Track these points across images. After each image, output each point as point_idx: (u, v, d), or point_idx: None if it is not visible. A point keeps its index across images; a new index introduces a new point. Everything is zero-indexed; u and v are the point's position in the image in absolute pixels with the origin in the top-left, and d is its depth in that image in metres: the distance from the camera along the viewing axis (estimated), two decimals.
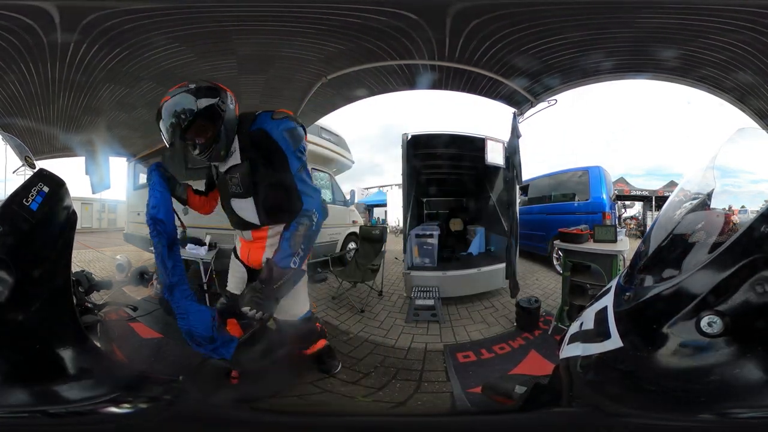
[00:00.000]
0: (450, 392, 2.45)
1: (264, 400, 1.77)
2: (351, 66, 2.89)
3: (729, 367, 0.83)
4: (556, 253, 4.26)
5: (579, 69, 2.91)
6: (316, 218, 1.79)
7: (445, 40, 2.50)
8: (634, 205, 5.90)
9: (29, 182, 1.33)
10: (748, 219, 0.96)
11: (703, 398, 0.84)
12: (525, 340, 3.15)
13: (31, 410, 1.13)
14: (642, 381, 0.92)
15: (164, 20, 2.17)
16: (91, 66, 2.59)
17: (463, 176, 5.80)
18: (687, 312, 0.89)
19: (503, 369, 2.74)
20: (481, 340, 3.15)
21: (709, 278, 0.88)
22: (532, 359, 2.86)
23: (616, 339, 1.00)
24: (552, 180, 5.08)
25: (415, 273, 3.91)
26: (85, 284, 1.86)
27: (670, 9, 2.12)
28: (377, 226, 5.17)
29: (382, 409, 2.09)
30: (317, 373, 2.43)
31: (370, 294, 3.89)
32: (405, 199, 4.42)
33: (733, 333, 0.84)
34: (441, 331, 3.26)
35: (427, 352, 2.96)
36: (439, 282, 3.72)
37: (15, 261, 1.20)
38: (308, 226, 1.76)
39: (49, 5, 1.95)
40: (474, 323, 3.42)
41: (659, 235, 1.18)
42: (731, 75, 2.72)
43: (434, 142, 4.46)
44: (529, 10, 2.18)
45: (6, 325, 1.19)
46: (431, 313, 3.41)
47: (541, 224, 4.90)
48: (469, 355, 2.90)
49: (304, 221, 1.76)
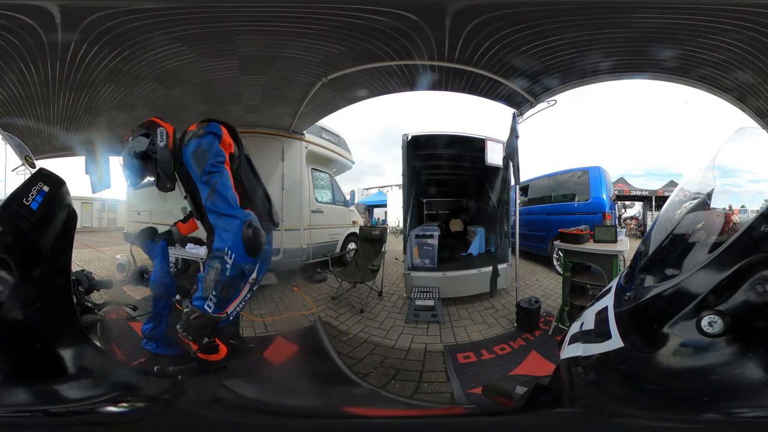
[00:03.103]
0: (450, 393, 2.45)
1: (263, 401, 1.77)
2: (351, 67, 2.89)
3: (730, 366, 0.83)
4: (556, 254, 4.26)
5: (578, 69, 2.92)
6: (230, 260, 1.56)
7: (445, 40, 2.50)
8: (634, 205, 5.91)
9: (29, 182, 1.32)
10: (748, 218, 0.96)
11: (705, 398, 0.84)
12: (525, 340, 3.15)
13: (32, 409, 1.13)
14: (643, 381, 0.92)
15: (166, 20, 2.18)
16: (92, 66, 2.59)
17: (463, 177, 5.80)
18: (687, 312, 0.89)
19: (503, 370, 2.73)
20: (481, 340, 3.15)
21: (710, 278, 0.88)
22: (533, 360, 2.86)
23: (617, 339, 1.00)
24: (552, 180, 5.09)
25: (415, 273, 3.91)
26: (85, 284, 1.86)
27: (669, 9, 2.12)
28: (377, 226, 5.17)
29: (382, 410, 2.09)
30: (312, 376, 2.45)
31: (370, 294, 3.89)
32: (405, 199, 4.42)
33: (733, 332, 0.84)
34: (441, 332, 3.25)
35: (427, 353, 2.95)
36: (439, 282, 3.72)
37: (15, 260, 1.20)
38: (217, 270, 1.56)
39: (51, 5, 1.95)
40: (474, 324, 3.41)
41: (659, 235, 1.18)
42: (730, 74, 2.72)
43: (434, 143, 4.46)
44: (527, 11, 2.19)
45: (6, 324, 1.18)
46: (431, 314, 3.41)
47: (541, 225, 4.91)
48: (470, 356, 2.89)
49: (214, 264, 1.57)
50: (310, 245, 4.37)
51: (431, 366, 2.78)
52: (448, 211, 6.26)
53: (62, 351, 1.27)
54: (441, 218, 6.11)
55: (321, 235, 4.61)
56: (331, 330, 3.24)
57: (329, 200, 4.91)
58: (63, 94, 2.97)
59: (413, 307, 3.46)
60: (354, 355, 2.90)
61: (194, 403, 1.35)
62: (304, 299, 3.81)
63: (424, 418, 1.55)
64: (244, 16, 2.24)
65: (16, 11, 2.00)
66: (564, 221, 4.27)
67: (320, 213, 4.65)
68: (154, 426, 1.16)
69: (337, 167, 5.24)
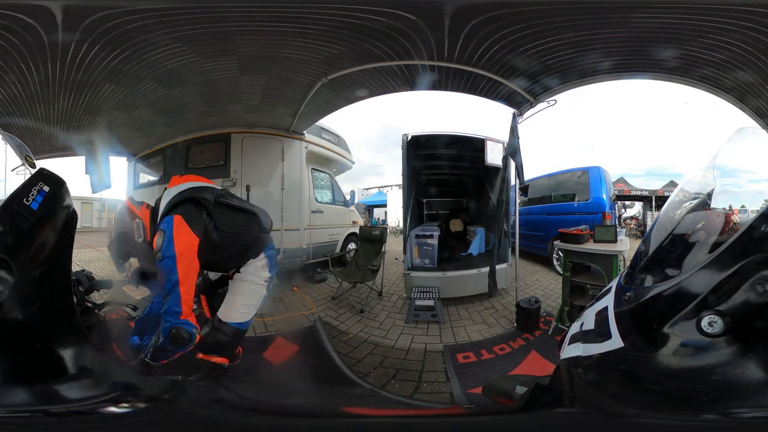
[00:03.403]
0: (450, 393, 2.45)
1: (263, 401, 1.77)
2: (351, 67, 2.89)
3: (730, 366, 0.83)
4: (556, 254, 4.26)
5: (578, 69, 2.92)
6: (161, 342, 1.72)
7: (444, 40, 2.50)
8: (634, 205, 5.91)
9: (29, 182, 1.32)
10: (748, 218, 0.96)
11: (705, 398, 0.84)
12: (525, 340, 3.15)
13: (32, 409, 1.13)
14: (643, 381, 0.92)
15: (167, 21, 2.18)
16: (92, 66, 2.59)
17: (463, 177, 5.80)
18: (687, 312, 0.89)
19: (503, 370, 2.74)
20: (481, 340, 3.15)
21: (710, 278, 0.88)
22: (533, 360, 2.86)
23: (617, 339, 1.00)
24: (552, 180, 5.08)
25: (415, 273, 3.91)
26: (86, 283, 1.86)
27: (669, 9, 2.12)
28: (377, 226, 5.17)
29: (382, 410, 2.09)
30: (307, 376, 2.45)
31: (370, 294, 3.89)
32: (405, 199, 4.42)
33: (733, 332, 0.84)
34: (441, 332, 3.26)
35: (426, 353, 2.95)
36: (439, 282, 3.72)
37: (15, 261, 1.20)
38: (154, 342, 1.77)
39: (53, 5, 1.95)
40: (474, 324, 3.42)
41: (659, 235, 1.18)
42: (731, 74, 2.72)
43: (434, 143, 4.46)
44: (527, 11, 2.19)
45: (6, 324, 1.18)
46: (431, 314, 3.41)
47: (541, 225, 4.91)
48: (469, 356, 2.89)
49: (157, 337, 1.75)
50: (310, 245, 4.37)
51: (431, 366, 2.78)
52: (448, 211, 6.25)
53: (62, 351, 1.27)
54: (441, 218, 6.11)
55: (321, 235, 4.62)
56: (331, 330, 3.24)
57: (329, 200, 4.91)
58: (63, 94, 2.97)
59: (413, 307, 3.46)
60: (354, 355, 2.90)
61: (194, 403, 1.35)
62: (304, 299, 3.81)
63: (423, 418, 1.55)
64: (244, 16, 2.24)
65: (17, 11, 2.00)
66: (564, 221, 4.27)
67: (320, 213, 4.65)
68: (154, 426, 1.16)
69: (337, 167, 5.24)
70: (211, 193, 1.93)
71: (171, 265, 1.68)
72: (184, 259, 1.71)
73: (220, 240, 1.85)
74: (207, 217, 1.84)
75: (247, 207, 2.04)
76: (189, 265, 1.73)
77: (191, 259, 1.74)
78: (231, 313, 1.96)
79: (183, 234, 1.74)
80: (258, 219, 2.02)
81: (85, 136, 3.63)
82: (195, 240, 1.76)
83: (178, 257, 1.69)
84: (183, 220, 1.76)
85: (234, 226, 1.92)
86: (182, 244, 1.72)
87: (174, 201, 1.84)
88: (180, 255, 1.69)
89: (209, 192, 1.93)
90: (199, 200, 1.85)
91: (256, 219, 2.02)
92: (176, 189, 1.90)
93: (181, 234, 1.73)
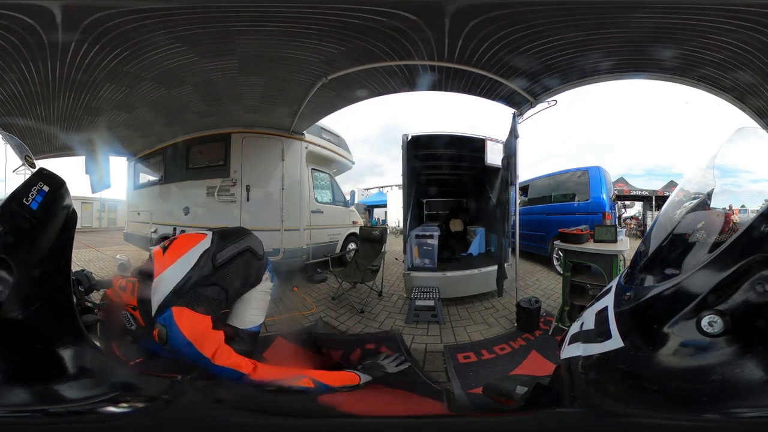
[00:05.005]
0: (451, 392, 2.45)
1: (263, 401, 1.77)
2: (351, 67, 2.89)
3: (730, 366, 0.83)
4: (557, 254, 4.26)
5: (578, 69, 2.92)
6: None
7: (444, 40, 2.50)
8: (634, 205, 5.91)
9: (29, 181, 1.31)
10: (748, 218, 0.96)
11: (705, 398, 0.84)
12: (525, 340, 3.15)
13: (31, 409, 1.13)
14: (643, 381, 0.92)
15: (167, 21, 2.18)
16: (92, 66, 2.59)
17: (463, 177, 5.80)
18: (687, 312, 0.89)
19: (504, 370, 2.73)
20: (481, 340, 3.15)
21: (710, 278, 0.88)
22: (533, 360, 2.86)
23: (617, 339, 1.00)
24: (552, 180, 5.08)
25: (415, 274, 3.90)
26: (85, 283, 1.85)
27: (669, 9, 2.12)
28: (377, 226, 5.17)
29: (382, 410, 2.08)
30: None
31: (370, 294, 3.89)
32: (405, 199, 4.42)
33: (733, 332, 0.84)
34: (441, 332, 3.25)
35: (427, 353, 2.95)
36: (439, 283, 3.72)
37: (15, 261, 1.20)
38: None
39: (53, 5, 1.95)
40: (474, 324, 3.41)
41: (659, 235, 1.18)
42: (730, 74, 2.72)
43: (434, 143, 4.46)
44: (527, 11, 2.19)
45: (6, 324, 1.18)
46: (431, 314, 3.41)
47: (541, 224, 4.90)
48: (470, 356, 2.89)
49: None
50: (310, 245, 4.37)
51: (431, 366, 2.78)
52: (448, 211, 6.25)
53: (62, 351, 1.27)
54: (441, 218, 6.10)
55: (321, 235, 4.62)
56: (331, 330, 3.24)
57: (329, 200, 4.91)
58: (63, 94, 2.97)
59: (413, 307, 3.46)
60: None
61: (194, 403, 1.34)
62: (304, 299, 3.81)
63: (423, 418, 1.55)
64: (244, 17, 2.24)
65: (17, 11, 2.00)
66: (564, 221, 4.27)
67: (320, 213, 4.65)
68: (154, 426, 1.16)
69: (337, 167, 5.24)
70: (207, 257, 1.73)
71: (191, 351, 1.53)
72: (202, 339, 1.55)
73: (227, 299, 1.80)
74: (212, 289, 1.71)
75: (241, 246, 1.89)
76: (212, 340, 1.58)
77: (210, 334, 1.59)
78: (245, 319, 1.96)
79: (189, 321, 1.59)
80: (252, 252, 1.93)
81: (85, 136, 3.64)
82: (206, 319, 1.61)
83: (194, 342, 1.54)
84: (184, 310, 1.60)
85: (237, 276, 1.84)
86: (193, 329, 1.57)
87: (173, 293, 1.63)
88: (195, 340, 1.54)
89: (206, 259, 1.72)
90: (201, 285, 1.69)
91: (250, 253, 1.92)
92: (173, 275, 1.67)
93: (187, 323, 1.58)
